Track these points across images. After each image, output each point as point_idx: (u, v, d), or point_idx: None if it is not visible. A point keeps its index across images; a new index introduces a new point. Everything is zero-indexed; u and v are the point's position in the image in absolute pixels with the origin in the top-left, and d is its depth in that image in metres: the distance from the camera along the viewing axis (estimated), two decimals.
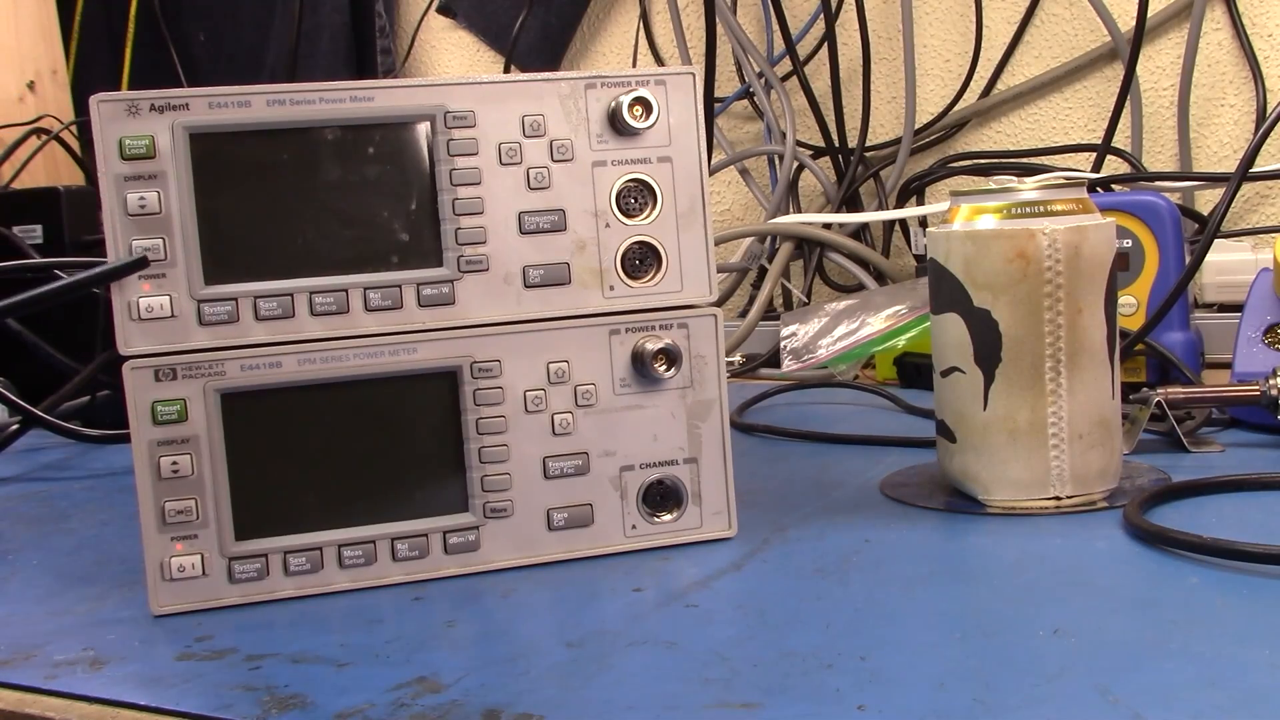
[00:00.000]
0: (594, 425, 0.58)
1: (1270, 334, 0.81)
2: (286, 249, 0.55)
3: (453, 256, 0.56)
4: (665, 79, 0.59)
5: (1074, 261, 0.60)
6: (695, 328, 0.59)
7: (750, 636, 0.47)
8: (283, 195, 0.55)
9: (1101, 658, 0.42)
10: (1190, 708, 0.38)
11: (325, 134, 0.55)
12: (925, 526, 0.61)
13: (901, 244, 1.35)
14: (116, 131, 0.53)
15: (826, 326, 1.09)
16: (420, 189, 0.56)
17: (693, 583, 0.54)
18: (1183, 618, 0.46)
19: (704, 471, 0.60)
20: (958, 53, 1.38)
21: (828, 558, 0.56)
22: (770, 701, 0.40)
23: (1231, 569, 0.50)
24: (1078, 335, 0.61)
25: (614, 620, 0.50)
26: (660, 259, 0.59)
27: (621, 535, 0.59)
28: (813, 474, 0.74)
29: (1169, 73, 1.28)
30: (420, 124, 0.56)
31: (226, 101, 0.54)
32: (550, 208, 0.58)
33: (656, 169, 0.59)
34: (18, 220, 1.14)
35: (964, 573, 0.54)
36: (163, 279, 0.54)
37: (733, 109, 1.48)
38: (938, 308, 0.64)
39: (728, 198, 1.52)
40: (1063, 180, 0.63)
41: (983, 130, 1.38)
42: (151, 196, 0.53)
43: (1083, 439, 0.61)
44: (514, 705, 0.41)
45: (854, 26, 1.34)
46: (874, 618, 0.48)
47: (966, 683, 0.41)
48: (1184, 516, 0.59)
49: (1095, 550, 0.55)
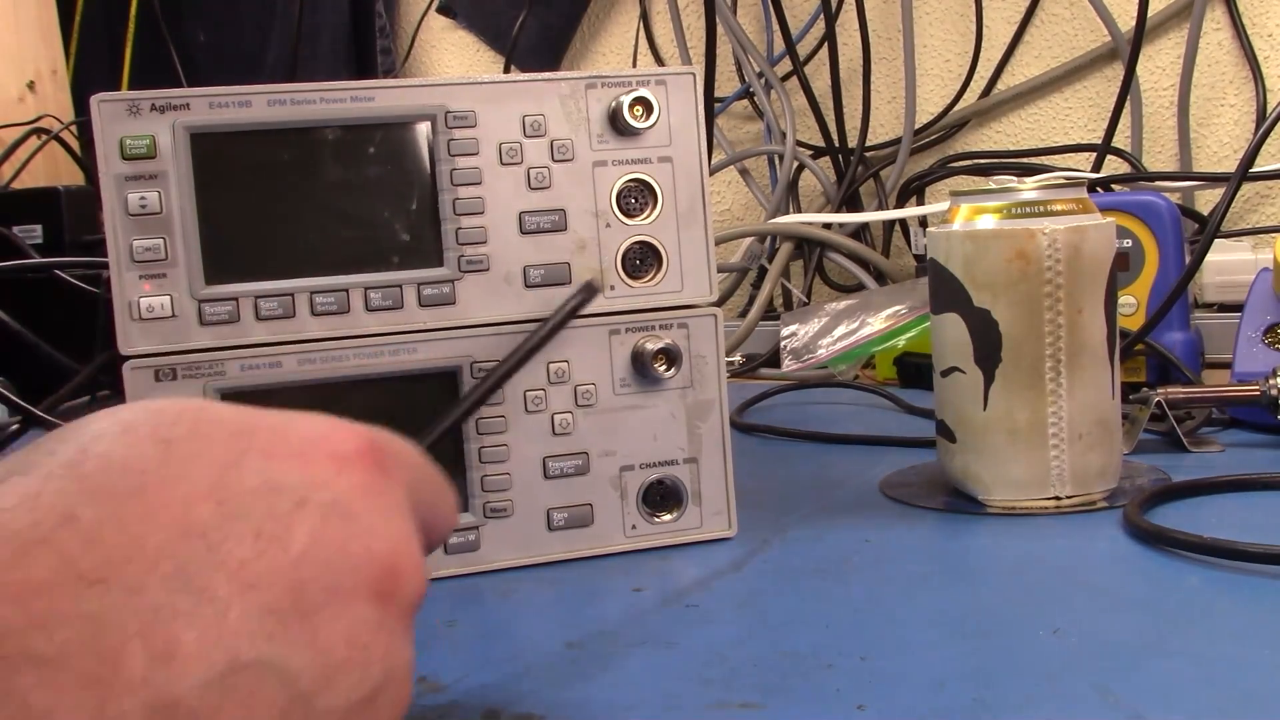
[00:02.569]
0: (594, 425, 0.58)
1: (1270, 334, 0.81)
2: (287, 249, 0.55)
3: (453, 256, 0.56)
4: (665, 79, 0.59)
5: (1074, 261, 0.60)
6: (695, 328, 0.59)
7: (750, 636, 0.47)
8: (283, 195, 0.55)
9: (1101, 658, 0.42)
10: (1190, 708, 0.38)
11: (326, 134, 0.55)
12: (925, 526, 0.61)
13: (901, 244, 1.35)
14: (117, 131, 0.53)
15: (826, 326, 1.09)
16: (421, 189, 0.56)
17: (693, 583, 0.54)
18: (1183, 618, 0.46)
19: (704, 471, 0.60)
20: (958, 53, 1.38)
21: (828, 558, 0.56)
22: (770, 701, 0.40)
23: (1231, 569, 0.50)
24: (1078, 335, 0.61)
25: (614, 620, 0.50)
26: (660, 259, 0.59)
27: (621, 535, 0.59)
28: (813, 474, 0.74)
29: (1169, 73, 1.28)
30: (421, 124, 0.56)
31: (227, 101, 0.54)
32: (551, 208, 0.58)
33: (657, 169, 0.59)
34: (18, 220, 1.14)
35: (964, 573, 0.54)
36: (163, 279, 0.54)
37: (733, 109, 1.48)
38: (938, 308, 0.64)
39: (728, 198, 1.52)
40: (1063, 180, 0.63)
41: (983, 130, 1.38)
42: (152, 196, 0.53)
43: (1083, 439, 0.61)
44: (514, 705, 0.41)
45: (854, 26, 1.34)
46: (874, 618, 0.48)
47: (966, 683, 0.41)
48: (1184, 516, 0.59)
49: (1095, 550, 0.55)
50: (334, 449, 0.31)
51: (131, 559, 0.27)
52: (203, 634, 0.27)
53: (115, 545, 0.27)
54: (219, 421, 0.30)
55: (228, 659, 0.27)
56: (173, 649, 0.26)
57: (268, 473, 0.30)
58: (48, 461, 0.28)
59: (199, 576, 0.27)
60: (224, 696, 0.26)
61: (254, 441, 0.30)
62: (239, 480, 0.29)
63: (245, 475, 0.29)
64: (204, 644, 0.26)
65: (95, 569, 0.26)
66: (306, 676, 0.28)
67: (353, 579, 0.29)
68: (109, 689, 0.25)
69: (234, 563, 0.28)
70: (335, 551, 0.29)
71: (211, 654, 0.26)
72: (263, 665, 0.27)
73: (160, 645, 0.26)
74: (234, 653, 0.27)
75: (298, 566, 0.28)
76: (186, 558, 0.27)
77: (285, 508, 0.29)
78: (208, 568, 0.27)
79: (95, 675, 0.25)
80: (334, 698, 0.29)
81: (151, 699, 0.25)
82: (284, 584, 0.28)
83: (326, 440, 0.31)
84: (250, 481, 0.29)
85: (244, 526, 0.28)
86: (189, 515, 0.28)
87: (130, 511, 0.27)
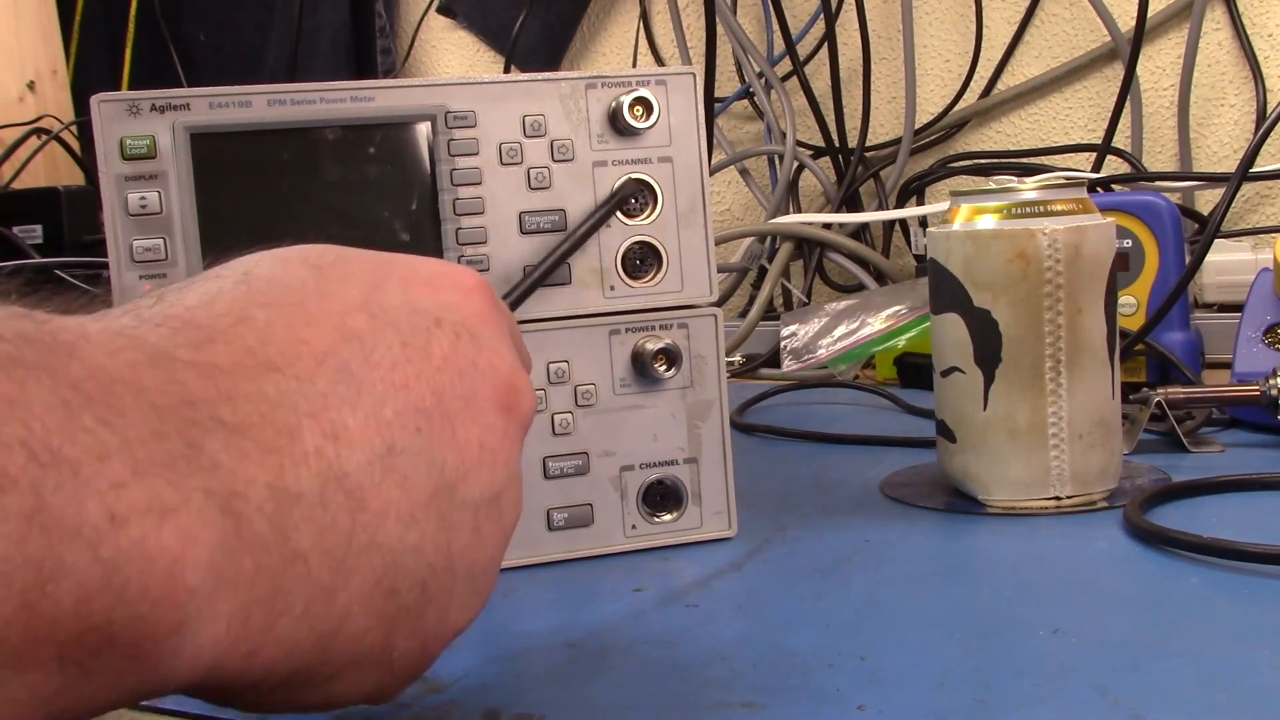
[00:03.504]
0: (594, 425, 0.58)
1: (1270, 334, 0.81)
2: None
3: (453, 256, 0.56)
4: (665, 79, 0.59)
5: (1074, 261, 0.60)
6: (695, 328, 0.59)
7: (750, 636, 0.47)
8: (283, 195, 0.55)
9: (1101, 658, 0.42)
10: (1190, 708, 0.38)
11: (326, 134, 0.55)
12: (925, 526, 0.61)
13: (901, 244, 1.35)
14: (117, 131, 0.53)
15: (826, 326, 1.09)
16: (421, 189, 0.56)
17: (693, 583, 0.54)
18: (1183, 618, 0.46)
19: (704, 471, 0.60)
20: (958, 53, 1.38)
21: (828, 558, 0.56)
22: (770, 701, 0.40)
23: (1231, 569, 0.50)
24: (1078, 335, 0.61)
25: (614, 620, 0.50)
26: (660, 259, 0.59)
27: (621, 535, 0.59)
28: (813, 474, 0.74)
29: (1169, 73, 1.28)
30: (421, 124, 0.56)
31: (227, 101, 0.54)
32: (551, 208, 0.58)
33: (657, 169, 0.59)
34: (18, 220, 1.14)
35: (964, 573, 0.54)
36: (163, 279, 0.54)
37: (733, 109, 1.48)
38: (938, 308, 0.64)
39: (728, 198, 1.52)
40: (1063, 180, 0.63)
41: (983, 130, 1.38)
42: (152, 196, 0.53)
43: (1083, 439, 0.61)
44: (514, 705, 0.41)
45: (854, 26, 1.34)
46: (874, 618, 0.48)
47: (966, 683, 0.41)
48: (1184, 516, 0.59)
49: (1095, 550, 0.55)
50: (458, 281, 0.36)
51: (300, 355, 0.30)
52: (364, 420, 0.30)
53: (286, 341, 0.30)
54: (360, 255, 0.35)
55: (386, 443, 0.30)
56: (340, 430, 0.30)
57: (407, 295, 0.34)
58: (219, 279, 0.32)
59: (359, 372, 0.31)
60: (384, 475, 0.30)
61: (391, 270, 0.34)
62: (384, 298, 0.33)
63: (389, 295, 0.33)
64: (365, 429, 0.30)
65: (271, 359, 0.30)
66: (450, 467, 0.32)
67: (483, 390, 0.34)
68: (287, 456, 0.29)
69: (387, 364, 0.32)
70: (467, 364, 0.34)
71: (372, 437, 0.30)
72: (415, 453, 0.31)
73: (329, 425, 0.30)
74: (390, 439, 0.31)
75: (439, 373, 0.33)
76: (348, 356, 0.31)
77: (424, 324, 0.33)
78: (365, 366, 0.31)
79: (274, 444, 0.28)
80: (469, 490, 0.33)
81: (324, 469, 0.29)
82: (428, 387, 0.32)
83: (450, 274, 0.36)
84: (393, 300, 0.33)
85: (393, 336, 0.32)
86: (346, 323, 0.32)
87: (296, 316, 0.31)
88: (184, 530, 0.26)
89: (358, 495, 0.29)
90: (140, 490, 0.25)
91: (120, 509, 0.25)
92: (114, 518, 0.25)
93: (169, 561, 0.25)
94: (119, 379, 0.26)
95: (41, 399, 0.24)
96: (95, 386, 0.26)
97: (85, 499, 0.24)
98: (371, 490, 0.30)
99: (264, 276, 0.32)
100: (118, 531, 0.25)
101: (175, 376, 0.27)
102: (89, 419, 0.25)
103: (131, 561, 0.25)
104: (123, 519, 0.25)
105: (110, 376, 0.26)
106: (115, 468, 0.25)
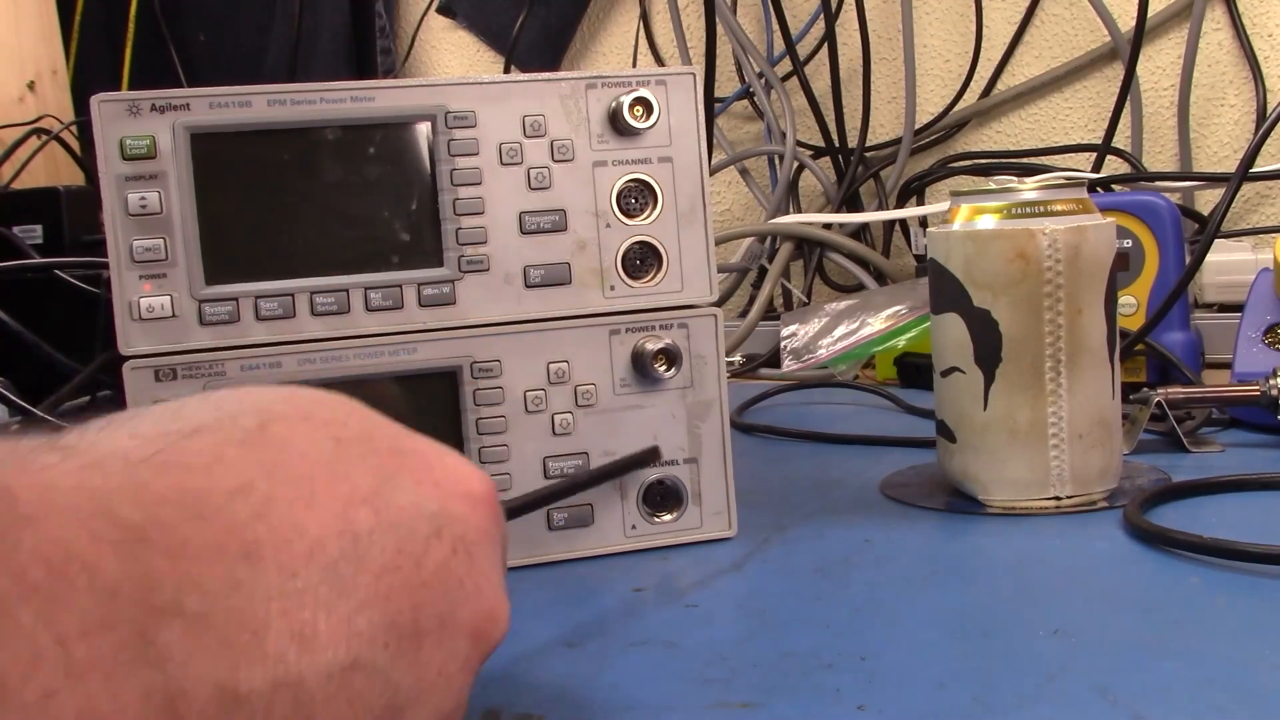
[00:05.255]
0: (594, 425, 0.58)
1: (1270, 334, 0.81)
2: (287, 249, 0.55)
3: (453, 256, 0.56)
4: (665, 79, 0.59)
5: (1074, 261, 0.60)
6: (695, 328, 0.60)
7: (750, 636, 0.47)
8: (283, 195, 0.55)
9: (1101, 658, 0.42)
10: (1190, 708, 0.38)
11: (326, 134, 0.55)
12: (925, 526, 0.61)
13: (901, 244, 1.35)
14: (117, 131, 0.53)
15: (826, 326, 1.09)
16: (421, 189, 0.56)
17: (693, 583, 0.54)
18: (1183, 618, 0.46)
19: (704, 471, 0.60)
20: (958, 53, 1.38)
21: (828, 558, 0.56)
22: (770, 701, 0.40)
23: (1231, 569, 0.50)
24: (1078, 335, 0.61)
25: (614, 620, 0.50)
26: (660, 259, 0.59)
27: (621, 535, 0.59)
28: (813, 474, 0.74)
29: (1169, 73, 1.28)
30: (421, 124, 0.56)
31: (227, 101, 0.54)
32: (551, 208, 0.58)
33: (657, 169, 0.59)
34: (18, 220, 1.14)
35: (964, 573, 0.54)
36: (163, 279, 0.54)
37: (733, 109, 1.48)
38: (938, 308, 0.64)
39: (728, 198, 1.52)
40: (1063, 180, 0.63)
41: (983, 130, 1.38)
42: (152, 196, 0.53)
43: (1083, 439, 0.61)
44: (514, 705, 0.41)
45: (854, 26, 1.34)
46: (874, 618, 0.48)
47: (966, 683, 0.41)
48: (1184, 516, 0.59)
49: (1095, 550, 0.55)
50: (470, 489, 0.34)
51: (290, 542, 0.28)
52: (336, 627, 0.28)
53: (280, 524, 0.28)
54: (382, 429, 0.34)
55: (351, 656, 0.29)
56: (308, 632, 0.28)
57: (416, 494, 0.32)
58: (230, 427, 0.30)
59: (346, 573, 0.29)
60: (339, 689, 0.28)
61: (408, 461, 0.33)
62: (393, 494, 0.31)
63: (398, 491, 0.32)
64: (334, 636, 0.28)
65: (257, 540, 0.28)
66: (403, 690, 0.30)
67: (463, 612, 0.32)
68: (244, 654, 0.27)
69: (376, 568, 0.30)
70: (455, 583, 0.32)
71: (339, 646, 0.28)
72: (375, 670, 0.29)
73: (298, 625, 0.28)
74: (356, 652, 0.29)
75: (424, 587, 0.31)
76: (339, 553, 0.29)
77: (425, 532, 0.31)
78: (355, 568, 0.29)
79: (234, 640, 0.27)
80: (415, 716, 0.31)
81: (280, 674, 0.27)
82: (409, 601, 0.30)
83: (463, 480, 0.34)
84: (402, 498, 0.31)
85: (390, 539, 0.30)
86: (349, 515, 0.30)
87: (300, 495, 0.29)
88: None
89: (306, 707, 0.28)
90: (71, 699, 0.24)
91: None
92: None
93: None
94: (75, 556, 0.25)
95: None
96: (43, 572, 0.24)
97: (7, 717, 0.23)
98: (322, 704, 0.28)
99: (279, 438, 0.31)
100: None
101: (140, 557, 0.26)
102: (27, 615, 0.24)
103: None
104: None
105: (66, 553, 0.25)
106: (46, 675, 0.23)
